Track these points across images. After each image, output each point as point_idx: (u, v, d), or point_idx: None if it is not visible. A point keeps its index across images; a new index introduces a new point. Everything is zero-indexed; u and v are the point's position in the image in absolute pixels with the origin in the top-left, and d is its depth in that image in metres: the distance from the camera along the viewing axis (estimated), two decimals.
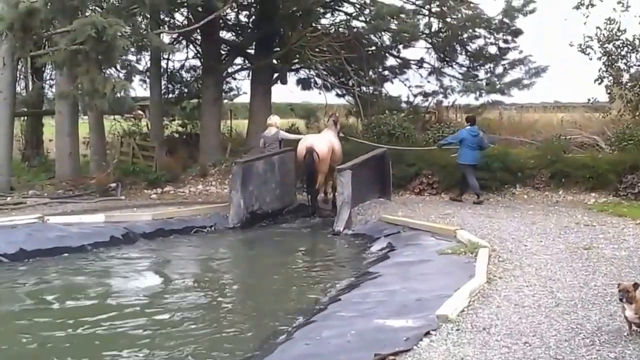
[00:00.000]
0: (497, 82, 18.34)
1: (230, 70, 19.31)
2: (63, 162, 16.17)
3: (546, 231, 10.58)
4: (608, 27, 16.64)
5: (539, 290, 7.18)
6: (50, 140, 18.86)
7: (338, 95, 19.77)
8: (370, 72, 19.17)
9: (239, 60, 19.56)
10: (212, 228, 12.23)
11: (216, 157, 17.12)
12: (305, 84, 19.95)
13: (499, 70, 18.72)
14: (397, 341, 5.61)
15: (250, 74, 18.97)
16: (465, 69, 19.14)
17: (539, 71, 18.32)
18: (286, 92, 27.09)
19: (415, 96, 19.62)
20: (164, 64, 19.06)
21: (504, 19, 17.88)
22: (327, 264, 10.22)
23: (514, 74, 18.46)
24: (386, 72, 19.74)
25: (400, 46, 19.00)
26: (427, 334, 5.77)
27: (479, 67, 19.07)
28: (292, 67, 19.17)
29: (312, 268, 9.89)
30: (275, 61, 18.41)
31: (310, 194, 13.55)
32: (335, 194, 13.09)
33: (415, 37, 18.07)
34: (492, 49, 18.72)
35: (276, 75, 18.57)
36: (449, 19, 18.07)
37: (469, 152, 13.93)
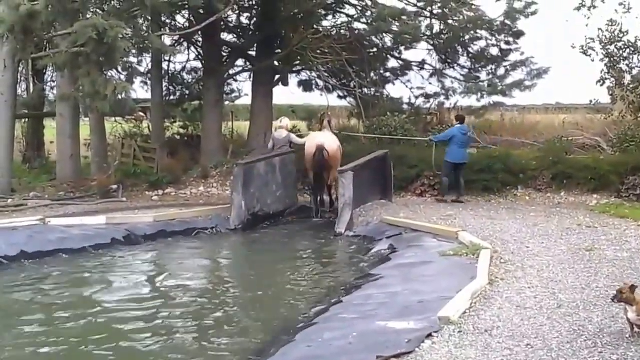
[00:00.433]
0: (499, 84, 18.36)
1: (231, 72, 19.28)
2: (64, 164, 16.15)
3: (548, 233, 10.56)
4: (610, 28, 16.61)
5: (541, 292, 7.16)
6: (51, 142, 18.83)
7: (339, 97, 19.82)
8: (372, 74, 19.23)
9: (240, 62, 19.56)
10: (214, 230, 12.18)
11: (217, 159, 17.09)
12: (306, 85, 19.98)
13: (501, 71, 18.79)
14: (399, 343, 5.59)
15: (252, 75, 18.97)
16: (467, 70, 19.16)
17: (540, 73, 18.35)
18: (287, 93, 27.27)
19: (416, 98, 19.72)
20: (165, 66, 19.09)
21: (505, 21, 17.92)
22: (328, 266, 10.20)
23: (516, 75, 18.56)
24: (388, 74, 19.79)
25: (402, 48, 19.04)
26: (429, 336, 5.75)
27: (480, 69, 19.09)
28: (294, 69, 19.19)
29: (314, 270, 9.87)
30: (276, 63, 18.42)
31: (315, 194, 13.54)
32: (332, 194, 13.07)
33: (417, 39, 18.10)
34: (494, 51, 18.78)
35: (277, 77, 18.59)
36: (450, 21, 18.09)
37: (458, 150, 13.92)
